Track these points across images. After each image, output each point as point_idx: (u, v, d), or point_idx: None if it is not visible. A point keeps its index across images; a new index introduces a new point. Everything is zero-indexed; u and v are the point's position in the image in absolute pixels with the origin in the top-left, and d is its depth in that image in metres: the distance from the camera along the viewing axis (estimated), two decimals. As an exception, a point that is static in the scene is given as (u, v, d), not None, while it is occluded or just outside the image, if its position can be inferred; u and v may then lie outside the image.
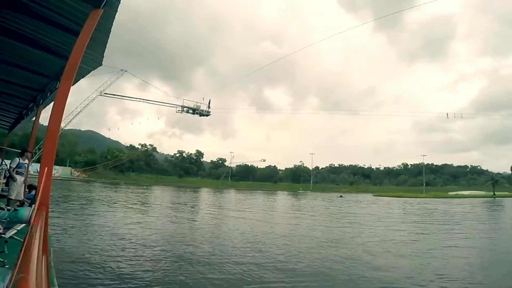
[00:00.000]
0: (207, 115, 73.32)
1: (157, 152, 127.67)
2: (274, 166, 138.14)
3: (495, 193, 75.52)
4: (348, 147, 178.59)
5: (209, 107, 70.46)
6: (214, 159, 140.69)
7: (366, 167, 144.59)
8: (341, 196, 68.12)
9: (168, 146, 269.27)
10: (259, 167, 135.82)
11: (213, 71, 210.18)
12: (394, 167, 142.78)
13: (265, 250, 10.91)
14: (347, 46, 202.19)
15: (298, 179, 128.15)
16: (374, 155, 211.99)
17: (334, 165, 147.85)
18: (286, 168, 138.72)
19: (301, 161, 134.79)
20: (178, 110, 72.22)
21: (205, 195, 52.97)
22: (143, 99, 73.36)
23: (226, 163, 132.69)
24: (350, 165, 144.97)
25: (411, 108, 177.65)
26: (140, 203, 28.78)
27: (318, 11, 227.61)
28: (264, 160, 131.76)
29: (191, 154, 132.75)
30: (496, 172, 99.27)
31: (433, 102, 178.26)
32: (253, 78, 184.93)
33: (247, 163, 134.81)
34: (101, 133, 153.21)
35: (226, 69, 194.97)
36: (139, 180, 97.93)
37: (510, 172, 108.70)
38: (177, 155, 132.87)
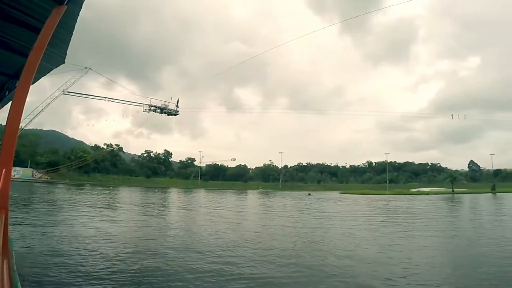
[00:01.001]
0: (175, 114, 72.21)
1: (123, 152, 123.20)
2: (244, 165, 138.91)
3: (454, 189, 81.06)
4: (316, 146, 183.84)
5: (177, 106, 69.50)
6: (183, 159, 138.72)
7: (333, 166, 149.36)
8: (309, 194, 69.81)
9: (135, 146, 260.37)
10: (229, 166, 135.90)
11: (183, 71, 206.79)
12: (359, 165, 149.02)
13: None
14: (316, 47, 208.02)
15: (268, 178, 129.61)
16: (340, 153, 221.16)
17: (302, 163, 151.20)
18: (256, 167, 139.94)
19: (270, 160, 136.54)
20: (146, 109, 70.40)
21: (175, 196, 52.03)
22: (109, 98, 70.65)
23: (196, 163, 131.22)
24: (317, 164, 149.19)
25: (376, 108, 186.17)
26: (105, 205, 27.74)
27: (288, 12, 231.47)
28: (234, 160, 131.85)
29: (159, 154, 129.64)
30: (454, 169, 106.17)
31: (396, 103, 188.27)
32: (223, 78, 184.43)
33: (217, 163, 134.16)
34: (65, 133, 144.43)
35: (196, 69, 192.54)
36: (105, 181, 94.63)
37: (467, 169, 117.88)
38: (145, 155, 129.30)
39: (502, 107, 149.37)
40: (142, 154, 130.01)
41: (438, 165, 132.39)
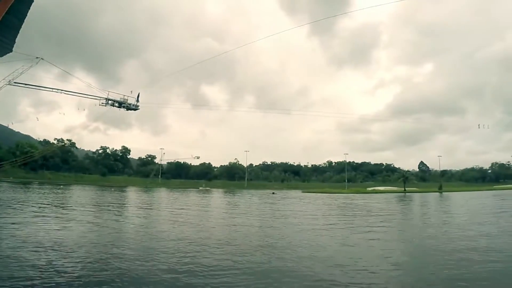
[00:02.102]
0: (135, 109, 68.41)
1: (76, 148, 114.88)
2: (209, 163, 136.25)
3: (406, 188, 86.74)
4: (280, 145, 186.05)
5: (138, 100, 65.90)
6: (143, 156, 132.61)
7: (295, 165, 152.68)
8: (273, 193, 70.56)
9: (89, 142, 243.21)
10: (192, 164, 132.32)
11: (147, 65, 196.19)
12: (320, 165, 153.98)
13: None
14: (285, 47, 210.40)
15: (233, 176, 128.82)
16: (303, 153, 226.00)
17: (267, 162, 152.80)
18: (221, 166, 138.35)
19: (236, 159, 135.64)
20: (102, 103, 66.05)
21: (132, 195, 49.64)
22: (62, 90, 65.08)
23: (156, 160, 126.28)
24: (281, 163, 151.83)
25: (337, 109, 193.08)
26: (52, 205, 25.36)
27: (261, 11, 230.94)
28: (198, 157, 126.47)
29: (116, 150, 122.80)
30: (406, 170, 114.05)
31: (356, 105, 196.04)
32: (190, 74, 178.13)
33: (179, 160, 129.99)
34: (10, 127, 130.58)
35: (161, 63, 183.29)
36: (55, 179, 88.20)
37: (418, 169, 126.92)
38: (100, 151, 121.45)
39: (450, 112, 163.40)
40: (97, 150, 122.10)
41: (392, 165, 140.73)
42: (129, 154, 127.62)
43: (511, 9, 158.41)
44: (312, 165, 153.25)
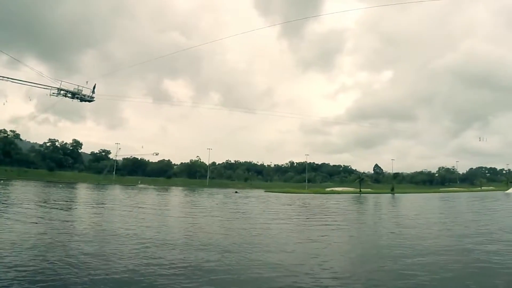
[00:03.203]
0: (90, 101, 63.77)
1: (20, 139, 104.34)
2: (168, 160, 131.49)
3: (361, 189, 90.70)
4: (244, 144, 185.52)
5: (93, 92, 61.57)
6: (96, 151, 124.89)
7: (259, 164, 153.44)
8: (236, 192, 69.84)
9: (37, 134, 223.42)
10: (150, 161, 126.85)
11: (107, 56, 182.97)
12: (282, 165, 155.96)
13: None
14: (254, 47, 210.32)
15: (194, 174, 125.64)
16: (266, 152, 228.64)
17: (230, 161, 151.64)
18: (181, 163, 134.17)
19: (198, 156, 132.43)
20: (54, 93, 60.61)
21: (82, 193, 45.90)
22: (9, 78, 58.44)
23: (111, 156, 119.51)
24: (245, 162, 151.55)
25: (300, 111, 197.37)
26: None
27: (231, 9, 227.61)
28: (156, 154, 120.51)
29: (66, 143, 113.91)
30: (362, 171, 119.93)
31: (318, 107, 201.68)
32: (153, 67, 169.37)
33: (136, 157, 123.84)
34: None
35: (122, 55, 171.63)
36: (-6, 173, 79.04)
37: (372, 172, 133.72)
38: (48, 144, 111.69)
39: (404, 118, 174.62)
40: (45, 143, 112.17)
41: (349, 167, 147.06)
42: (81, 148, 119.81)
43: (464, 23, 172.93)
44: (275, 165, 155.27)
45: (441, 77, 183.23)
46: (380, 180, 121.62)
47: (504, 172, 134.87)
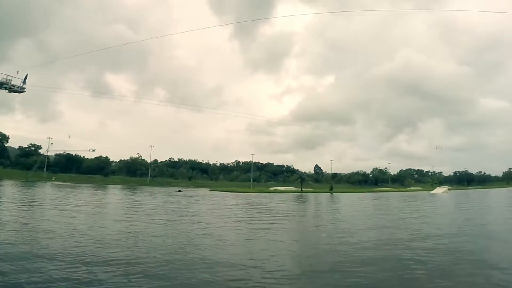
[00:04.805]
0: (20, 92, 56.82)
1: None
2: (106, 157, 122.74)
3: (302, 189, 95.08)
4: (189, 142, 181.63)
5: (24, 82, 54.77)
6: (25, 145, 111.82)
7: (204, 163, 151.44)
8: (179, 191, 68.17)
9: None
10: (86, 157, 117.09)
11: (43, 46, 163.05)
12: (228, 164, 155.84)
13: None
14: (205, 46, 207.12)
15: (134, 172, 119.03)
16: (212, 151, 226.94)
17: (173, 159, 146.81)
18: (120, 160, 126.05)
19: (138, 154, 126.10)
20: (-22, 83, 52.26)
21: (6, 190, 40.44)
22: None
23: (42, 151, 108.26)
24: (189, 160, 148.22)
25: (247, 111, 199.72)
26: None
27: (183, 5, 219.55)
28: (93, 150, 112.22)
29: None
30: (303, 171, 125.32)
31: (264, 108, 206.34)
32: (93, 60, 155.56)
33: (70, 152, 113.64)
34: None
35: (61, 46, 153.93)
36: None
37: (313, 172, 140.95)
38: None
39: (343, 122, 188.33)
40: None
41: (292, 167, 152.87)
42: (7, 142, 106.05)
43: (402, 33, 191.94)
44: (220, 164, 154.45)
45: (378, 84, 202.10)
46: (320, 180, 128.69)
47: (430, 174, 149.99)
